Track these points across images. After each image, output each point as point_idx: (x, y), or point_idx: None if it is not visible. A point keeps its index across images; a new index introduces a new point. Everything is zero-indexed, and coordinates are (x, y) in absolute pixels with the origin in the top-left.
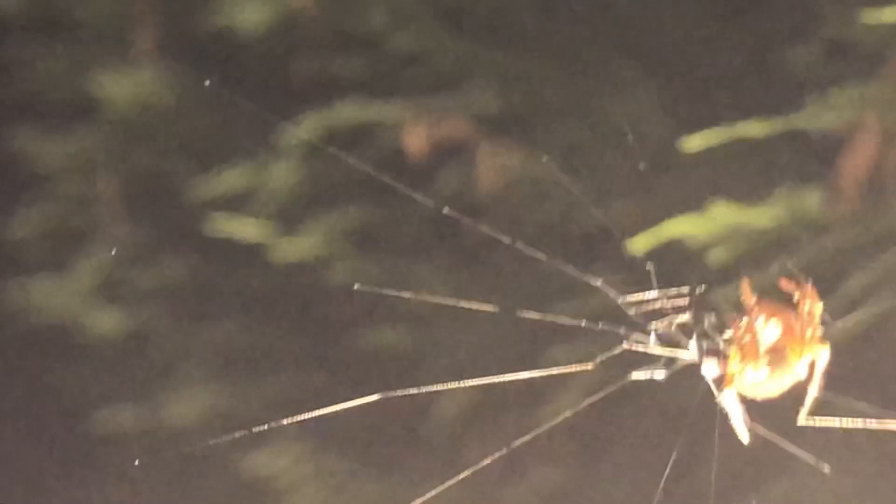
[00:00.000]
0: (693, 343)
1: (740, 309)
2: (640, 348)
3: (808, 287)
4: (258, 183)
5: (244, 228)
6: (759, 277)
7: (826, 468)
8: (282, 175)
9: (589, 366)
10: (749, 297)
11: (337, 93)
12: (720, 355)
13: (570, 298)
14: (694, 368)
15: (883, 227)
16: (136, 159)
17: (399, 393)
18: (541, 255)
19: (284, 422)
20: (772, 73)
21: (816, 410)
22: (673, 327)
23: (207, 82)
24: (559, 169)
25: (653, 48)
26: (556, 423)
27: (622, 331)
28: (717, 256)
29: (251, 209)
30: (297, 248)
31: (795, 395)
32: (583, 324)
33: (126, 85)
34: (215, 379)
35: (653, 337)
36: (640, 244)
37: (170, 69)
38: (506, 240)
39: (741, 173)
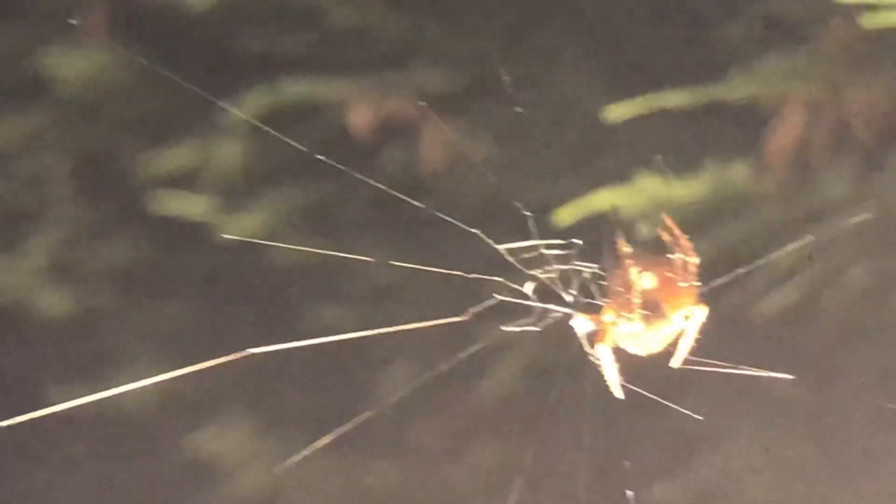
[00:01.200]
0: (568, 296)
1: (617, 262)
2: (513, 299)
3: (684, 240)
4: (204, 161)
5: (190, 207)
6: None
7: (701, 418)
8: (227, 153)
9: (461, 317)
10: (624, 249)
11: (282, 70)
12: (595, 309)
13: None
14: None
15: (812, 201)
16: (85, 138)
17: (263, 349)
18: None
19: None
20: (704, 46)
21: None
22: (551, 279)
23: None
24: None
25: (596, 25)
26: (430, 376)
27: (498, 281)
28: (645, 228)
29: (197, 187)
30: (243, 225)
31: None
32: (457, 273)
33: (74, 64)
34: (165, 358)
35: (528, 288)
36: (565, 216)
37: (117, 47)
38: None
39: (669, 146)
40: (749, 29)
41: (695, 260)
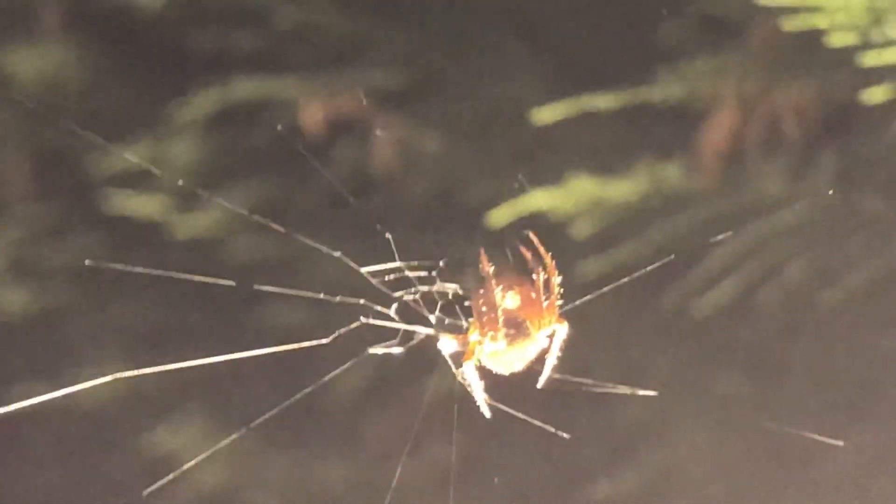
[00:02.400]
0: (432, 317)
1: (481, 281)
2: (378, 322)
3: (547, 259)
4: (156, 159)
5: (143, 206)
6: (622, 252)
7: (566, 435)
8: (180, 151)
9: (325, 340)
10: (486, 268)
11: (232, 69)
12: (460, 330)
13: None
14: (434, 342)
15: (744, 199)
16: (42, 136)
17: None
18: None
19: None
20: (637, 44)
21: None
22: (414, 300)
23: None
24: (445, 145)
25: (539, 23)
26: (294, 400)
27: (361, 304)
28: (579, 229)
29: (151, 186)
30: (195, 224)
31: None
32: (321, 296)
33: (30, 61)
34: (124, 354)
35: (393, 310)
36: (499, 217)
37: (72, 43)
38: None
39: (602, 145)
40: (680, 27)
41: (557, 279)
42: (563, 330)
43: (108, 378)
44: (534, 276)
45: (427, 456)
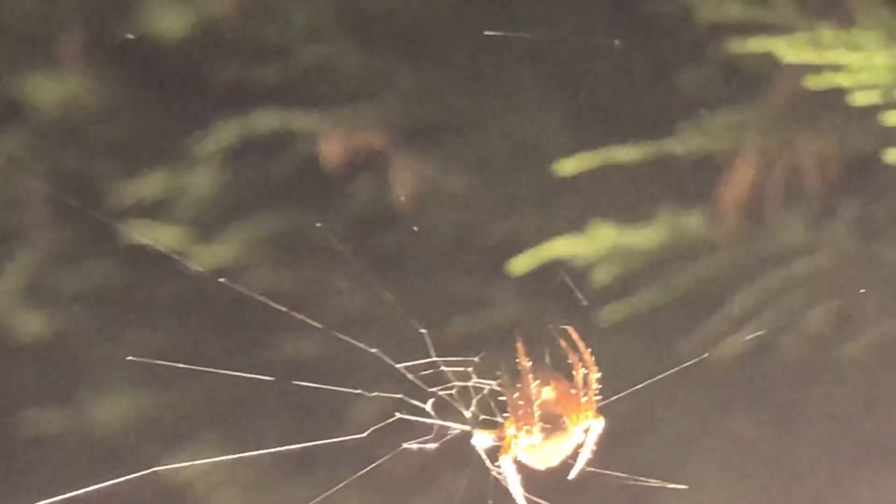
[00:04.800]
0: (467, 413)
1: (517, 376)
2: (413, 418)
3: (586, 355)
4: (176, 190)
5: (162, 236)
6: (639, 300)
7: None
8: (199, 182)
9: (361, 435)
10: (524, 362)
11: (253, 101)
12: (496, 425)
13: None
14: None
15: (764, 249)
16: (61, 163)
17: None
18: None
19: None
20: (662, 97)
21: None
22: (451, 395)
23: None
24: (466, 184)
25: (561, 68)
26: (331, 492)
27: (398, 398)
28: (600, 276)
29: (169, 216)
30: (214, 255)
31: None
32: (358, 391)
33: (50, 89)
34: (138, 382)
35: (429, 405)
36: (520, 265)
37: (92, 73)
38: None
39: (623, 195)
40: (703, 79)
41: (596, 374)
42: (599, 425)
43: (147, 472)
44: (573, 372)
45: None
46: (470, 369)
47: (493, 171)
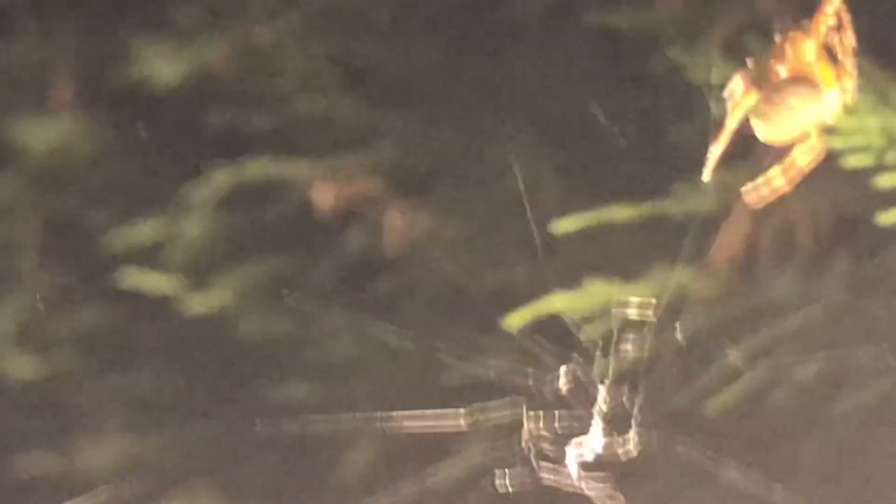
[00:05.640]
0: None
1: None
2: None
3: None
4: (169, 236)
5: (154, 282)
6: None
7: None
8: (192, 228)
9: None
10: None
11: (247, 149)
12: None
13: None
14: None
15: (757, 304)
16: (53, 207)
17: None
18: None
19: None
20: (656, 153)
21: None
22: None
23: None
24: (458, 234)
25: (550, 120)
26: None
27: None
28: (594, 329)
29: (162, 262)
30: (206, 301)
31: None
32: None
33: (42, 133)
34: (130, 425)
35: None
36: (515, 320)
37: (85, 119)
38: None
39: (618, 251)
40: (699, 136)
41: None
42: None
43: None
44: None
45: None
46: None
47: (486, 222)
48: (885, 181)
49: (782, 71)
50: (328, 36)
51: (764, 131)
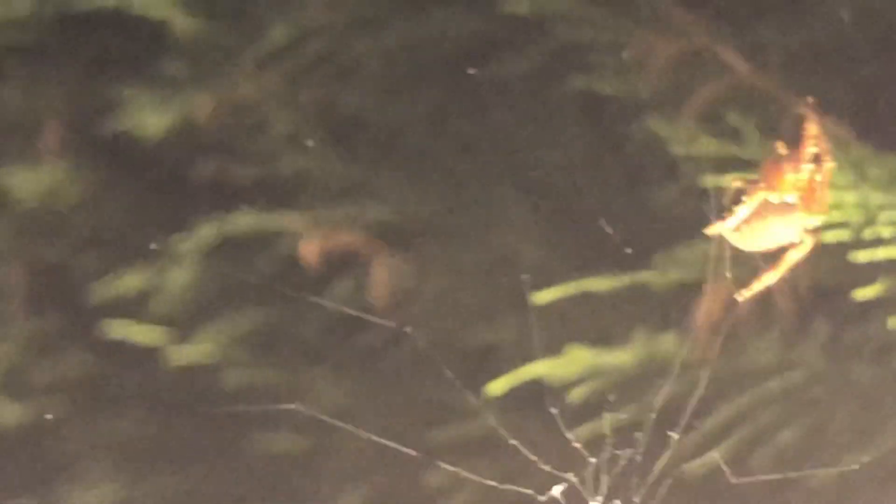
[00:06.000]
0: None
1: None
2: None
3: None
4: (155, 286)
5: (140, 333)
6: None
7: None
8: (178, 280)
9: None
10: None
11: (233, 201)
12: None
13: None
14: None
15: (737, 370)
16: (39, 255)
17: None
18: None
19: None
20: (639, 218)
21: None
22: None
23: None
24: (443, 288)
25: (536, 181)
26: None
27: None
28: (577, 394)
29: (147, 312)
30: (191, 352)
31: None
32: None
33: (30, 180)
34: (115, 473)
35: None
36: (496, 388)
37: (73, 167)
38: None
39: (600, 318)
40: (681, 205)
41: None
42: (806, 244)
43: None
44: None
45: None
46: None
47: (471, 279)
48: (862, 256)
49: (766, 189)
50: (314, 90)
51: (739, 242)
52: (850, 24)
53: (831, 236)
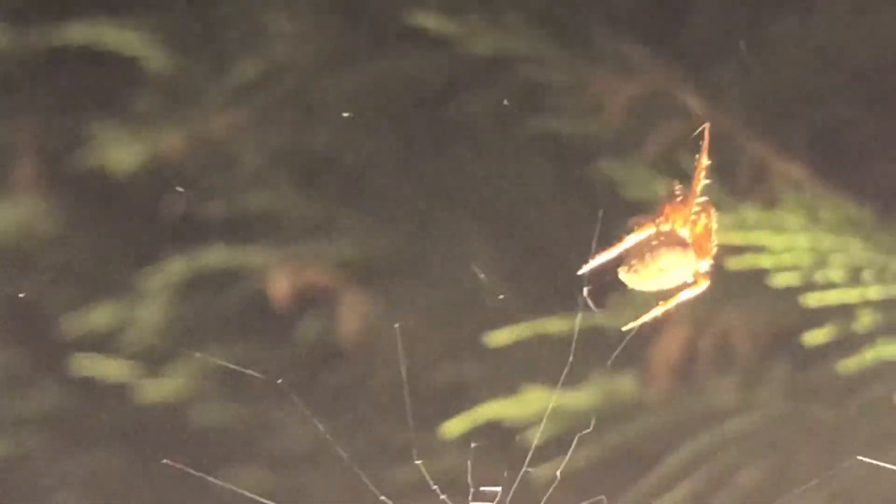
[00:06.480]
0: None
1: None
2: None
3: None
4: (125, 322)
5: (109, 369)
6: (572, 459)
7: None
8: (147, 315)
9: None
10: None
11: (202, 237)
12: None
13: None
14: None
15: (696, 410)
16: (9, 288)
17: None
18: None
19: None
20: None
21: None
22: None
23: None
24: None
25: (499, 218)
26: None
27: None
28: (533, 436)
29: (117, 348)
30: (160, 388)
31: None
32: None
33: (2, 214)
34: None
35: None
36: (454, 428)
37: (44, 202)
38: None
39: (555, 360)
40: None
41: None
42: (701, 286)
43: None
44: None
45: None
46: None
47: (436, 318)
48: (812, 300)
49: (660, 231)
50: (283, 128)
51: (631, 281)
52: (808, 66)
53: (781, 280)
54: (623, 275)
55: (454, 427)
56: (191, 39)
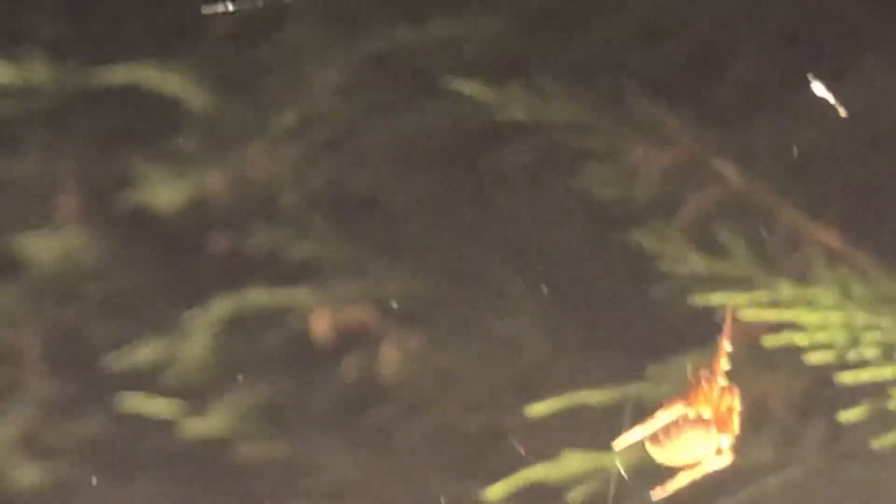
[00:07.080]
0: None
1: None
2: None
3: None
4: (169, 359)
5: (154, 406)
6: None
7: None
8: (192, 352)
9: None
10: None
11: (247, 275)
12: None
13: None
14: None
15: (736, 467)
16: (57, 320)
17: None
18: None
19: None
20: (632, 326)
21: None
22: None
23: None
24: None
25: (536, 262)
26: None
27: None
28: (576, 496)
29: (162, 384)
30: (204, 425)
31: None
32: None
33: (48, 247)
34: None
35: None
36: (497, 492)
37: (90, 236)
38: None
39: (594, 424)
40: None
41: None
42: (724, 459)
43: None
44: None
45: None
46: None
47: (477, 360)
48: (846, 378)
49: (684, 408)
50: (323, 172)
51: (658, 455)
52: (841, 129)
53: (816, 357)
54: (650, 448)
55: (497, 491)
56: (233, 80)
